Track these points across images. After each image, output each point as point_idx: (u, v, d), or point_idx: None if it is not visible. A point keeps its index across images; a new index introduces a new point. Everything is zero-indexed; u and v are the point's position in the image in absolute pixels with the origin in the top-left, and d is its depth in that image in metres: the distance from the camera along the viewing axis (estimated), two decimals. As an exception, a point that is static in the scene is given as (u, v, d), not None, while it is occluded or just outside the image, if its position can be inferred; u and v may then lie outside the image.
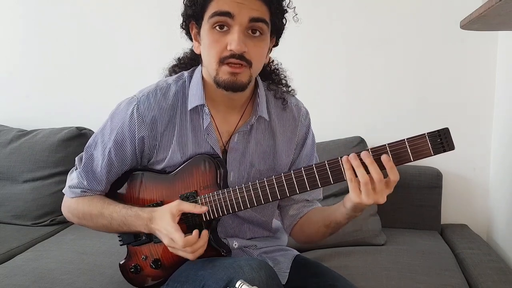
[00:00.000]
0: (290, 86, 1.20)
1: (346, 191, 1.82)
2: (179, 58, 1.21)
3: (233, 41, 0.97)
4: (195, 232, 0.98)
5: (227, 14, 0.97)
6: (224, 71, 1.00)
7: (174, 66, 1.21)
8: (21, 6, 2.22)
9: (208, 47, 1.01)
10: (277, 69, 1.20)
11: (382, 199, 0.92)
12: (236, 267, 0.93)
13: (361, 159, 0.91)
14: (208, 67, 1.03)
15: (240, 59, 0.98)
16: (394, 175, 0.91)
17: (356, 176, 0.91)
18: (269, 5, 1.01)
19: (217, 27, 0.99)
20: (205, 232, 1.01)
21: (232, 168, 1.12)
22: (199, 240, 0.99)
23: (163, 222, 1.00)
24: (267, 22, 1.01)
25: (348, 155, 0.92)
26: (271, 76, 1.19)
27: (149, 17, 2.09)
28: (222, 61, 0.99)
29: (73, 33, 2.17)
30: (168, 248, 1.01)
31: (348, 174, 0.92)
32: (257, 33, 1.00)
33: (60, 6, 2.17)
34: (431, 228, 1.81)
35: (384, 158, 0.90)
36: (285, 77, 1.20)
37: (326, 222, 1.09)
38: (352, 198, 0.93)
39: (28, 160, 1.97)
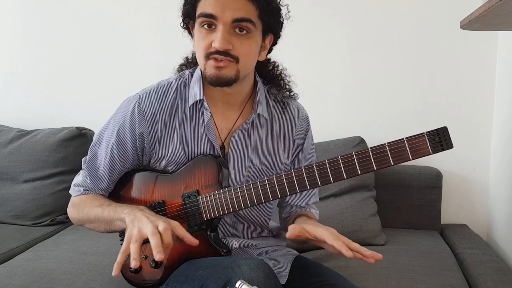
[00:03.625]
0: (292, 91, 1.20)
1: (345, 191, 1.83)
2: (187, 57, 1.23)
3: (216, 39, 1.00)
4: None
5: (211, 16, 1.00)
6: (209, 65, 1.03)
7: (181, 65, 1.24)
8: (21, 6, 2.22)
9: (197, 44, 1.05)
10: (281, 74, 1.20)
11: None
12: (235, 266, 0.93)
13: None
14: (199, 63, 1.07)
15: (225, 55, 1.01)
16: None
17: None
18: (256, 3, 1.02)
19: (205, 26, 1.02)
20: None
21: (233, 166, 1.13)
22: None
23: (155, 216, 0.99)
24: (252, 21, 1.02)
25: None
26: (275, 80, 1.19)
27: (149, 17, 2.09)
28: (207, 56, 1.02)
29: (73, 33, 2.17)
30: (135, 233, 0.95)
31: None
32: (244, 31, 1.02)
33: (60, 6, 2.17)
34: (431, 228, 1.81)
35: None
36: (288, 82, 1.20)
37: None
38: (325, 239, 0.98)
39: (28, 160, 1.97)
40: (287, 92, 1.20)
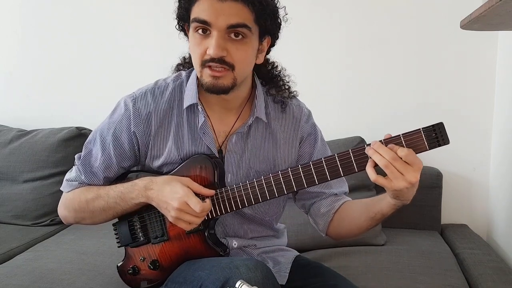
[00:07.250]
0: (292, 91, 1.18)
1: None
2: (184, 57, 1.22)
3: (210, 46, 0.97)
4: (208, 200, 1.01)
5: (204, 22, 0.98)
6: (206, 73, 1.01)
7: (178, 64, 1.22)
8: (21, 6, 2.22)
9: (192, 49, 1.03)
10: (280, 74, 1.17)
11: (412, 177, 0.91)
12: (233, 267, 0.93)
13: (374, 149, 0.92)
14: (195, 68, 1.05)
15: (220, 62, 0.98)
16: (402, 151, 0.90)
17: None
18: (252, 8, 0.98)
19: (199, 31, 1.00)
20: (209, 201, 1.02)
21: (230, 170, 1.12)
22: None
23: (173, 186, 1.00)
24: (248, 26, 0.98)
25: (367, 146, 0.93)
26: (274, 80, 1.17)
27: (149, 16, 2.09)
28: (203, 64, 1.00)
29: (73, 33, 2.17)
30: (173, 214, 0.99)
31: (370, 162, 0.92)
32: (239, 36, 0.99)
33: (60, 6, 2.17)
34: (431, 228, 1.81)
35: (389, 146, 0.91)
36: (288, 81, 1.18)
37: (370, 215, 1.06)
38: (387, 187, 0.93)
39: (28, 160, 1.97)
40: (287, 92, 1.17)
